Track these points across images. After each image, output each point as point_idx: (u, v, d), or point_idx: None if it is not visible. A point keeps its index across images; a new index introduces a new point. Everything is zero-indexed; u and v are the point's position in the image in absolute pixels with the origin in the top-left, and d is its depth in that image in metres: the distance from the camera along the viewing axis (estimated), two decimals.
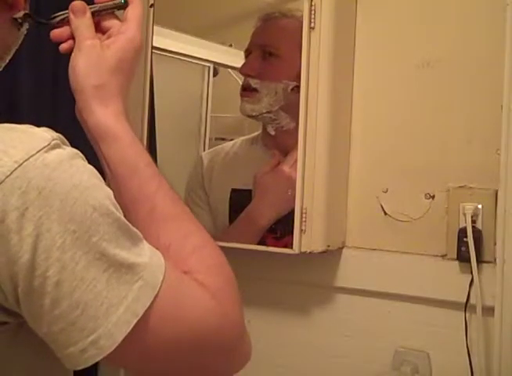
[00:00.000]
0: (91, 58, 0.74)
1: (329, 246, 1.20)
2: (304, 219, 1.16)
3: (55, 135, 0.60)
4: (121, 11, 0.80)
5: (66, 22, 0.78)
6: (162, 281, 0.60)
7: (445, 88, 1.17)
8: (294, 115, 1.19)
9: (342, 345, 1.25)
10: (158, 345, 0.60)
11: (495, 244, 1.09)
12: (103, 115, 0.73)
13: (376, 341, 1.22)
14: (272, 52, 1.27)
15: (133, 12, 0.79)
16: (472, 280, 1.11)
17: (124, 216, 0.62)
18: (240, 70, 1.31)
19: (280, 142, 1.29)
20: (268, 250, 1.21)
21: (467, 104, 1.15)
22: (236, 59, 1.32)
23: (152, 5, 1.30)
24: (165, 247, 0.66)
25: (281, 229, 1.25)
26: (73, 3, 0.78)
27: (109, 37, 0.77)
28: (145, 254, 0.60)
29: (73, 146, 0.62)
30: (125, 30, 0.77)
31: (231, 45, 1.39)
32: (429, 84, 1.18)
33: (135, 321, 0.57)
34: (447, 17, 1.17)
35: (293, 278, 1.29)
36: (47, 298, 0.55)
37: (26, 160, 0.55)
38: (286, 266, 1.27)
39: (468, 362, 1.12)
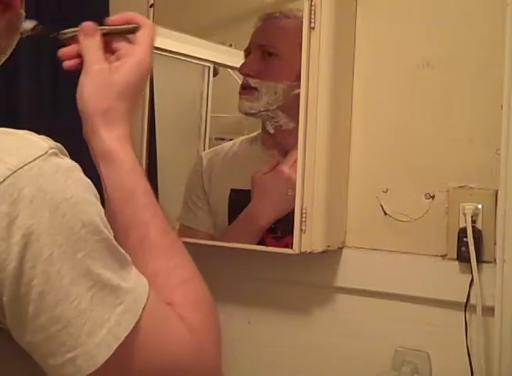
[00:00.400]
0: (99, 82, 0.75)
1: (329, 246, 1.20)
2: (304, 219, 1.16)
3: (53, 144, 0.59)
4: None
5: (74, 39, 0.78)
6: (143, 309, 0.59)
7: (445, 88, 1.17)
8: (293, 115, 1.19)
9: (342, 345, 1.25)
10: (137, 371, 0.60)
11: (495, 244, 1.09)
12: (108, 139, 0.74)
13: (376, 341, 1.22)
14: (272, 52, 1.27)
15: (144, 36, 0.80)
16: (472, 280, 1.11)
17: (116, 240, 0.61)
18: (240, 70, 1.30)
19: (279, 142, 1.29)
20: (268, 250, 1.21)
21: (467, 104, 1.15)
22: (236, 59, 1.32)
23: (152, 5, 1.30)
24: (152, 276, 0.66)
25: (281, 229, 1.25)
26: (84, 24, 0.78)
27: (117, 59, 0.78)
28: (130, 279, 0.60)
29: (73, 151, 0.62)
30: (134, 52, 0.78)
31: (231, 45, 1.39)
32: (429, 84, 1.18)
33: (116, 345, 0.57)
34: (447, 17, 1.17)
35: (293, 278, 1.29)
36: (31, 306, 0.55)
37: (20, 168, 0.55)
38: (286, 266, 1.27)
39: (468, 362, 1.12)
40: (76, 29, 0.78)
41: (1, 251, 0.54)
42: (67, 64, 0.78)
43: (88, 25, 0.78)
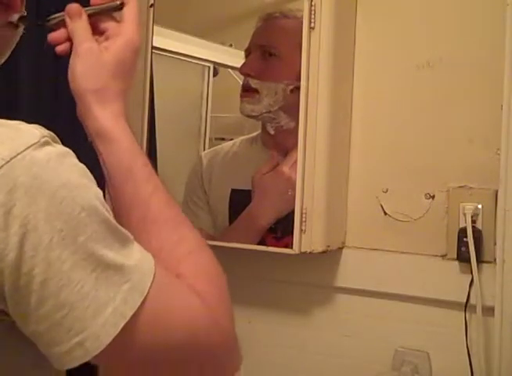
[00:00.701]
0: (89, 62, 0.74)
1: (329, 246, 1.20)
2: (304, 219, 1.16)
3: (45, 132, 0.59)
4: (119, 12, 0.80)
5: (62, 24, 0.78)
6: (150, 286, 0.59)
7: (445, 88, 1.17)
8: (294, 115, 1.19)
9: (342, 345, 1.25)
10: (145, 349, 0.60)
11: (495, 244, 1.09)
12: (102, 118, 0.74)
13: (376, 341, 1.22)
14: (272, 53, 1.27)
15: (130, 12, 0.79)
16: (472, 280, 1.11)
17: (119, 220, 0.61)
18: (240, 70, 1.30)
19: (280, 142, 1.29)
20: (268, 250, 1.21)
21: (467, 104, 1.15)
22: (236, 59, 1.32)
23: (152, 5, 1.30)
24: (157, 251, 0.65)
25: (281, 229, 1.25)
26: (69, 6, 0.78)
27: (106, 39, 0.77)
28: (134, 257, 0.60)
29: (72, 145, 0.62)
30: (122, 31, 0.77)
31: (231, 45, 1.39)
32: (429, 84, 1.18)
33: (122, 324, 0.57)
34: (447, 17, 1.17)
35: (293, 278, 1.29)
36: (33, 297, 0.55)
37: (13, 158, 0.55)
38: (286, 266, 1.27)
39: (468, 362, 1.12)
40: (62, 14, 0.78)
41: (0, 241, 0.54)
42: (59, 49, 0.78)
43: (72, 7, 0.78)
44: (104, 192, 0.64)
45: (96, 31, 0.78)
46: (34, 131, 0.58)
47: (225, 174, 1.38)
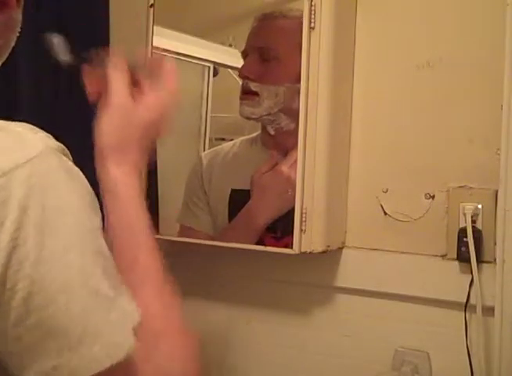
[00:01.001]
0: (119, 120, 0.75)
1: (329, 246, 1.20)
2: (304, 219, 1.16)
3: (52, 143, 0.58)
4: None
5: (98, 63, 0.78)
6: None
7: (445, 88, 1.17)
8: (294, 116, 1.18)
9: (342, 345, 1.25)
10: None
11: (495, 244, 1.09)
12: (113, 174, 0.74)
13: (376, 341, 1.22)
14: (271, 55, 1.26)
15: (168, 73, 0.79)
16: (472, 280, 1.11)
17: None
18: (239, 74, 1.30)
19: (280, 143, 1.28)
20: (268, 250, 1.21)
21: (467, 104, 1.15)
22: (236, 59, 1.31)
23: (152, 5, 1.30)
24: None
25: (281, 229, 1.25)
26: (115, 58, 0.78)
27: (142, 93, 0.77)
28: (126, 304, 0.58)
29: (71, 145, 0.62)
30: (162, 86, 0.78)
31: (231, 45, 1.39)
32: (429, 84, 1.18)
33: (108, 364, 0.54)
34: (447, 17, 1.17)
35: (293, 278, 1.29)
36: (14, 313, 0.53)
37: (12, 170, 0.53)
38: (286, 266, 1.27)
39: (468, 362, 1.12)
40: (102, 55, 0.78)
41: None
42: (92, 93, 0.78)
43: (117, 60, 0.78)
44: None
45: (131, 81, 0.78)
46: (37, 144, 0.56)
47: (225, 174, 1.38)
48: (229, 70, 1.38)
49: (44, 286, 0.53)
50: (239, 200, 1.32)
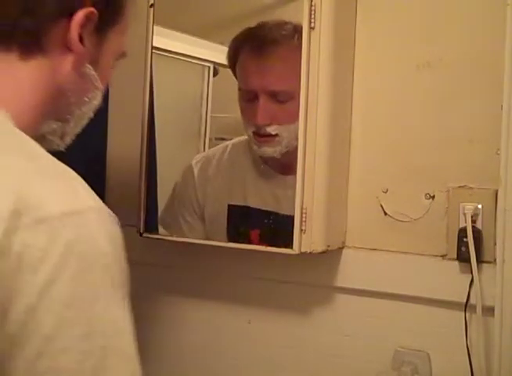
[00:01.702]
0: None
1: (329, 246, 1.20)
2: (304, 219, 1.16)
3: (100, 202, 0.62)
4: None
5: None
6: None
7: (446, 88, 1.17)
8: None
9: (342, 345, 1.25)
10: None
11: (495, 244, 1.09)
12: None
13: (376, 341, 1.22)
14: (288, 97, 1.19)
15: None
16: (472, 280, 1.11)
17: None
18: (255, 121, 1.23)
19: (280, 160, 1.26)
20: (268, 250, 1.21)
21: (467, 104, 1.15)
22: None
23: (152, 5, 1.30)
24: None
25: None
26: None
27: None
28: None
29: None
30: None
31: None
32: (429, 84, 1.18)
33: None
34: (447, 17, 1.17)
35: (293, 278, 1.29)
36: (30, 348, 0.54)
37: (69, 214, 0.57)
38: (286, 266, 1.27)
39: (468, 362, 1.12)
40: None
41: (26, 280, 0.54)
42: None
43: None
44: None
45: None
46: (90, 200, 0.61)
47: (221, 188, 1.34)
48: (229, 70, 1.38)
49: (66, 332, 0.55)
50: (237, 216, 1.30)
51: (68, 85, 0.75)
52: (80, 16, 0.72)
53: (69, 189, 0.60)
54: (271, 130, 1.22)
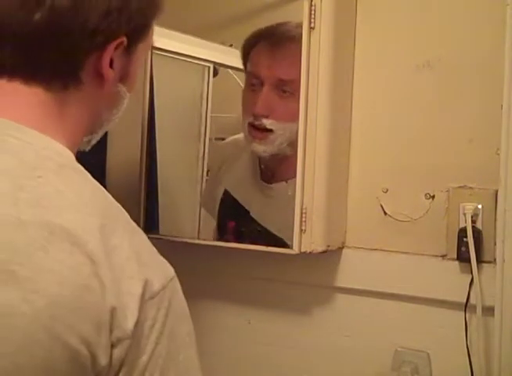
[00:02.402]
0: None
1: (329, 246, 1.20)
2: (304, 219, 1.16)
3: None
4: None
5: None
6: None
7: (445, 88, 1.17)
8: (295, 144, 1.17)
9: (342, 345, 1.25)
10: None
11: (495, 244, 1.09)
12: None
13: (376, 341, 1.22)
14: (292, 88, 1.18)
15: None
16: (472, 280, 1.11)
17: None
18: (255, 111, 1.22)
19: (274, 163, 1.28)
20: (268, 250, 1.21)
21: (467, 104, 1.15)
22: (236, 59, 1.31)
23: None
24: None
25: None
26: None
27: None
28: None
29: None
30: None
31: (231, 45, 1.39)
32: (429, 84, 1.18)
33: None
34: (447, 17, 1.17)
35: (293, 278, 1.29)
36: None
37: (165, 287, 0.68)
38: (286, 266, 1.27)
39: (468, 362, 1.12)
40: None
41: (143, 344, 0.65)
42: None
43: None
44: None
45: None
46: (171, 268, 0.72)
47: (228, 170, 1.37)
48: (229, 70, 1.38)
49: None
50: (227, 204, 1.34)
51: (102, 107, 0.80)
52: (111, 47, 0.74)
53: (159, 260, 0.71)
54: (267, 123, 1.22)
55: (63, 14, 0.70)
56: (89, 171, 0.70)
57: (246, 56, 1.30)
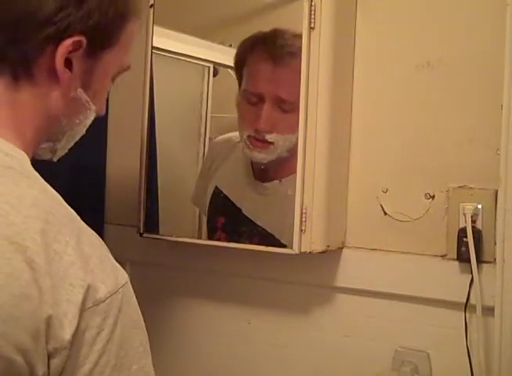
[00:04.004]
0: None
1: (329, 246, 1.20)
2: (304, 219, 1.16)
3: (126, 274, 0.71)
4: None
5: None
6: None
7: (445, 88, 1.17)
8: (293, 148, 1.18)
9: (342, 345, 1.25)
10: None
11: (495, 244, 1.09)
12: None
13: (376, 341, 1.22)
14: (293, 107, 1.18)
15: None
16: (472, 280, 1.11)
17: None
18: (258, 127, 1.23)
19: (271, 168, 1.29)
20: (268, 250, 1.21)
21: (467, 104, 1.15)
22: None
23: (152, 5, 1.30)
24: None
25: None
26: None
27: None
28: None
29: None
30: None
31: (231, 45, 1.39)
32: (429, 84, 1.18)
33: None
34: (447, 17, 1.17)
35: (293, 278, 1.29)
36: None
37: (115, 293, 0.66)
38: (286, 266, 1.27)
39: (468, 362, 1.12)
40: None
41: (84, 352, 0.63)
42: None
43: None
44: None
45: None
46: (124, 273, 0.69)
47: (222, 166, 1.37)
48: (229, 70, 1.37)
49: None
50: (217, 200, 1.34)
51: (59, 111, 0.76)
52: (66, 44, 0.71)
53: (110, 266, 0.68)
54: (269, 137, 1.23)
55: (13, 1, 0.70)
56: (90, 172, 0.70)
57: (240, 67, 1.29)
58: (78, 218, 0.69)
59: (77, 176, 1.40)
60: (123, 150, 1.48)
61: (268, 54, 1.24)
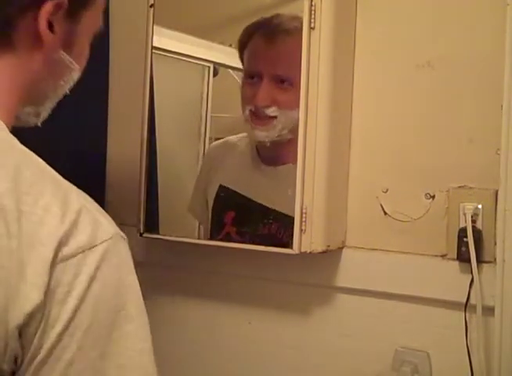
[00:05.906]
0: None
1: (329, 246, 1.20)
2: (304, 219, 1.16)
3: (118, 230, 0.66)
4: None
5: None
6: None
7: (446, 88, 1.17)
8: (295, 129, 1.18)
9: (342, 345, 1.25)
10: None
11: (495, 244, 1.09)
12: None
13: (376, 341, 1.22)
14: (290, 82, 1.21)
15: None
16: (472, 280, 1.11)
17: None
18: (257, 103, 1.25)
19: (273, 151, 1.29)
20: (268, 250, 1.21)
21: (468, 104, 1.15)
22: (236, 59, 1.31)
23: (152, 5, 1.30)
24: None
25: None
26: None
27: None
28: None
29: None
30: None
31: (231, 45, 1.39)
32: (429, 84, 1.18)
33: None
34: (447, 17, 1.17)
35: (293, 278, 1.29)
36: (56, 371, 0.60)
37: (88, 249, 0.62)
38: (286, 266, 1.27)
39: (468, 362, 1.12)
40: None
41: (54, 312, 0.60)
42: None
43: None
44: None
45: None
46: (110, 229, 0.65)
47: (222, 167, 1.38)
48: (229, 70, 1.38)
49: (85, 355, 0.61)
50: (224, 198, 1.33)
51: (42, 74, 0.75)
52: (48, 7, 0.70)
53: (88, 222, 0.64)
54: (269, 112, 1.24)
55: None
56: (90, 172, 0.70)
57: (242, 50, 1.31)
58: (60, 177, 0.68)
59: (77, 176, 1.40)
60: (123, 150, 1.48)
61: (264, 34, 1.27)
